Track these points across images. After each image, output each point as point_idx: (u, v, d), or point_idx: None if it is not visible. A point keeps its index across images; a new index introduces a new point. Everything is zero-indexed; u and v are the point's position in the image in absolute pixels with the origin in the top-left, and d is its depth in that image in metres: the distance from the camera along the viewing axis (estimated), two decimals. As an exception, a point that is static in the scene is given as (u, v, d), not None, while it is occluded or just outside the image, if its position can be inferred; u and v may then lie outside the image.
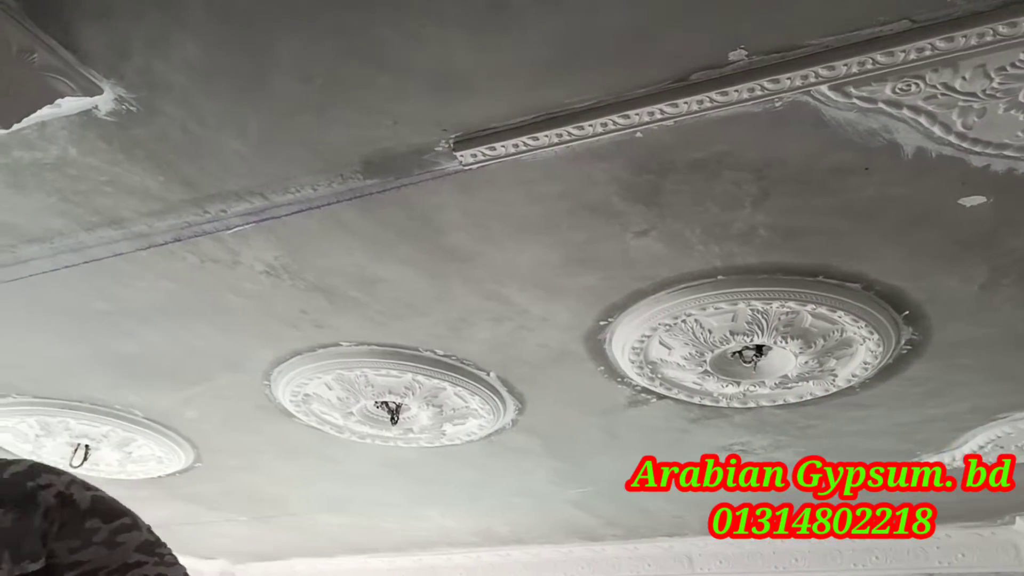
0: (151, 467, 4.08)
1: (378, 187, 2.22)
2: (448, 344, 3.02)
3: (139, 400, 3.52)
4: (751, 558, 4.52)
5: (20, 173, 2.20)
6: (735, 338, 2.71)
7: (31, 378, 3.37)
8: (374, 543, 5.23)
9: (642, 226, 2.30)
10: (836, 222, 2.23)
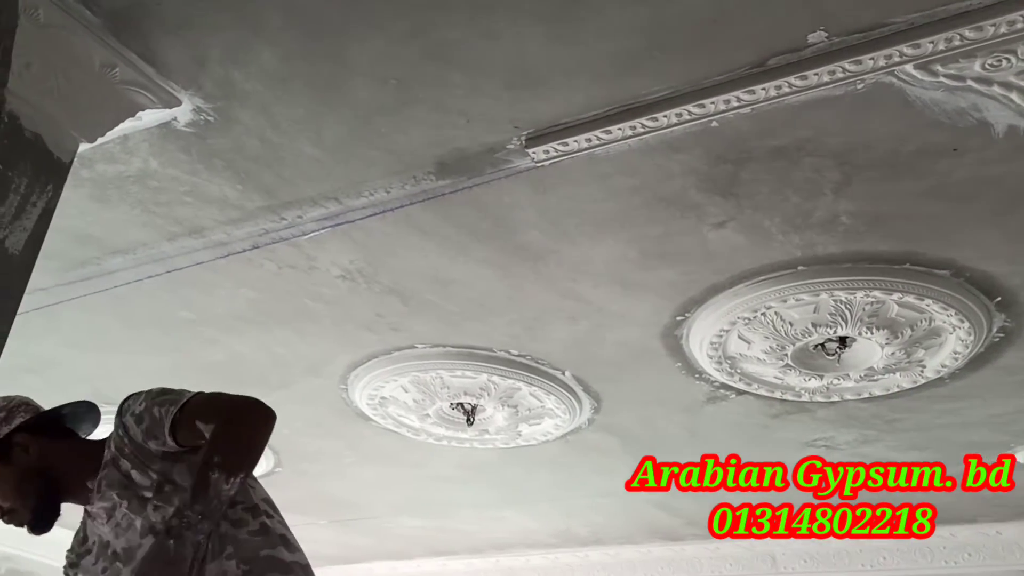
0: (234, 472, 4.15)
1: (451, 187, 2.22)
2: (523, 344, 3.01)
3: (222, 407, 3.58)
4: (837, 556, 4.40)
5: (104, 186, 2.26)
6: (817, 330, 2.64)
7: (119, 387, 3.45)
8: (452, 545, 5.24)
9: (720, 218, 2.26)
10: (924, 207, 2.15)
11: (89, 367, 3.31)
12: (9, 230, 1.63)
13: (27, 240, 1.66)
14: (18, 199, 1.65)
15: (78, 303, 2.84)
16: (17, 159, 1.67)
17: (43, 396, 3.55)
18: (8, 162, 1.65)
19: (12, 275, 1.62)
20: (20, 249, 1.64)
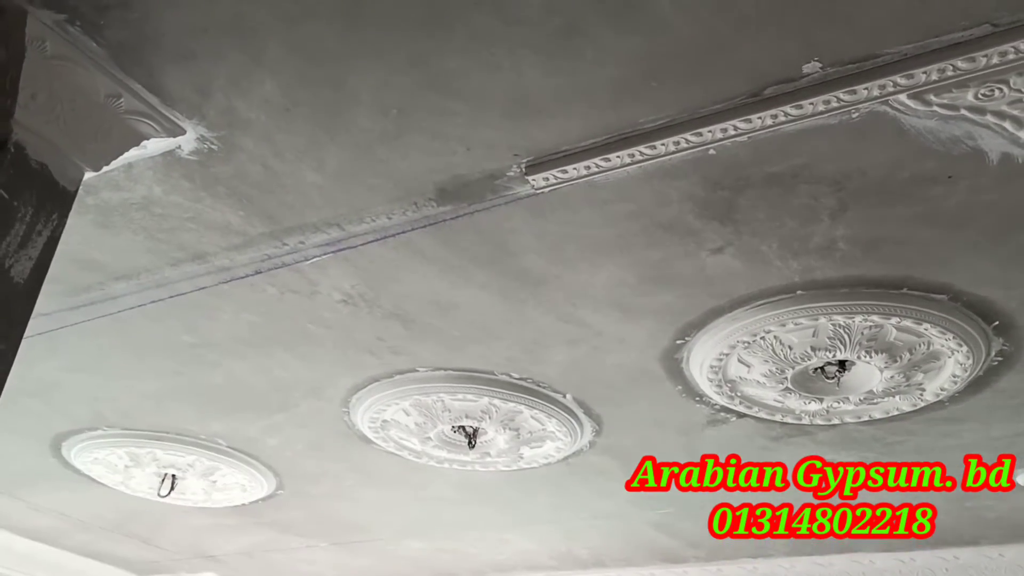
0: (235, 495, 4.16)
1: (451, 213, 2.25)
2: (524, 367, 3.02)
3: (223, 429, 3.60)
4: (840, 578, 4.39)
5: (109, 213, 2.29)
6: (817, 354, 2.65)
7: (120, 410, 3.48)
8: (454, 568, 5.22)
9: (718, 243, 2.28)
10: (920, 232, 2.17)
11: (91, 390, 3.33)
12: (15, 259, 1.65)
13: (32, 268, 1.68)
14: (24, 228, 1.67)
15: (81, 328, 2.86)
16: (23, 188, 1.69)
17: (45, 420, 3.60)
18: (14, 191, 1.67)
19: (17, 303, 1.64)
20: (25, 277, 1.66)
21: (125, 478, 3.98)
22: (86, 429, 3.63)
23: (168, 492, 3.96)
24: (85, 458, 3.82)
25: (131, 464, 3.84)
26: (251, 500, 4.25)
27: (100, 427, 3.61)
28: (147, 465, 3.84)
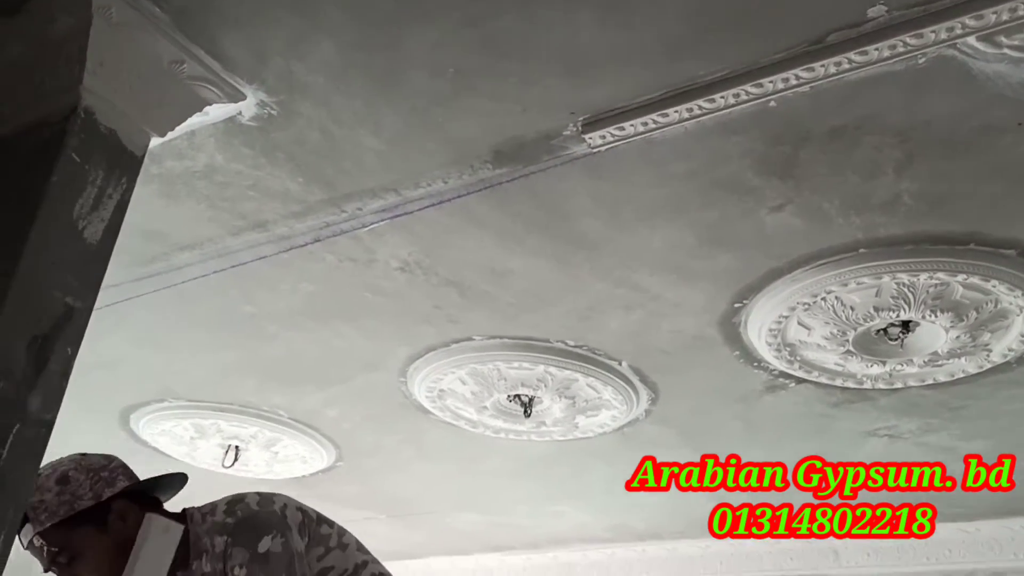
0: (296, 467, 4.24)
1: (507, 176, 2.25)
2: (579, 334, 3.02)
3: (284, 401, 3.66)
4: (900, 551, 4.32)
5: (173, 182, 2.33)
6: (879, 314, 2.61)
7: (186, 383, 3.55)
8: (510, 540, 5.26)
9: (777, 201, 2.25)
10: (988, 185, 2.12)
11: (156, 364, 3.40)
12: (88, 220, 1.69)
13: (104, 230, 1.72)
14: (95, 191, 1.71)
15: (146, 300, 2.93)
16: (93, 152, 1.73)
17: (113, 392, 3.69)
18: (85, 156, 1.71)
19: (91, 263, 1.68)
20: (98, 239, 1.70)
21: (191, 449, 4.07)
22: (152, 401, 3.72)
23: (232, 463, 4.04)
24: (152, 430, 3.91)
25: (196, 436, 3.92)
26: (311, 472, 4.32)
27: (166, 399, 3.69)
28: (211, 436, 3.92)
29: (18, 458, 1.53)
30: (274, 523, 1.71)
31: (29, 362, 1.57)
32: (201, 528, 1.73)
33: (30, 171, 1.69)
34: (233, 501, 1.79)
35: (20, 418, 1.54)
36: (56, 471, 1.70)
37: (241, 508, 1.76)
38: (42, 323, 1.60)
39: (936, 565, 4.25)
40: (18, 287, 1.57)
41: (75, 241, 1.67)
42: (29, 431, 1.55)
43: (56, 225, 1.65)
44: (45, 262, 1.62)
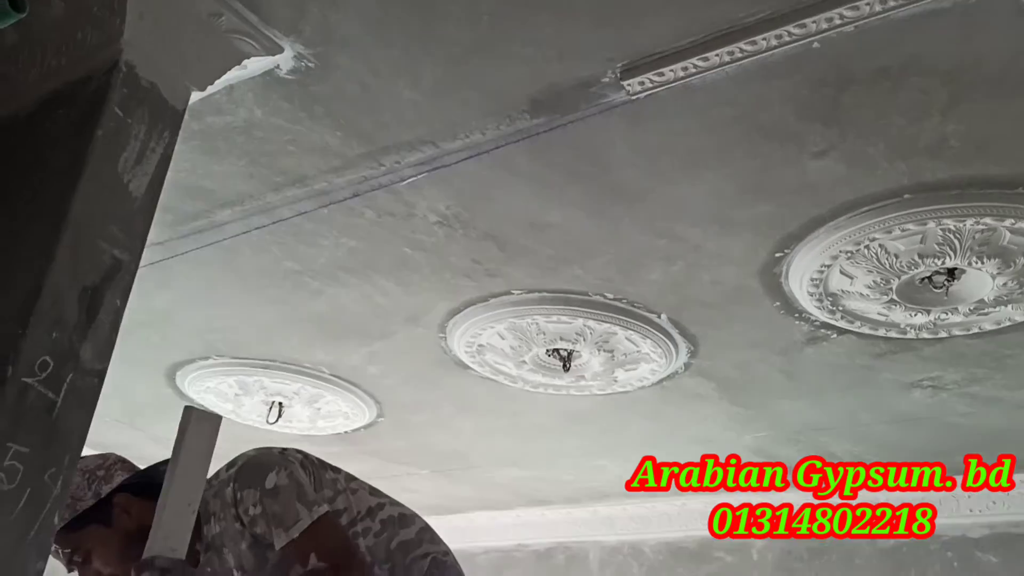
0: (338, 423, 4.30)
1: (545, 126, 2.23)
2: (618, 287, 3.01)
3: (326, 357, 3.71)
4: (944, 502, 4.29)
5: (213, 138, 2.35)
6: (924, 262, 2.57)
7: (229, 340, 3.61)
8: (551, 495, 5.31)
9: (820, 146, 2.21)
10: (1037, 124, 2.07)
11: (201, 321, 3.46)
12: (132, 174, 1.71)
13: (148, 184, 1.74)
14: (138, 145, 1.73)
15: (190, 258, 2.97)
16: (135, 107, 1.75)
17: (160, 350, 3.76)
18: (127, 110, 1.73)
19: (136, 216, 1.71)
20: (142, 193, 1.73)
21: (235, 406, 4.15)
22: (198, 359, 3.79)
23: (276, 419, 4.11)
24: (198, 387, 3.99)
25: (240, 392, 4.00)
26: (353, 428, 4.39)
27: (211, 356, 3.76)
28: (255, 393, 3.99)
29: (72, 406, 1.57)
30: (275, 460, 1.75)
31: (80, 313, 1.60)
32: (207, 493, 1.73)
33: (77, 125, 1.72)
34: (231, 460, 1.83)
35: (74, 367, 1.57)
36: None
37: (240, 458, 1.80)
38: (91, 275, 1.63)
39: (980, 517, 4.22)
40: (67, 239, 1.60)
41: (121, 194, 1.70)
42: (82, 380, 1.59)
43: (102, 178, 1.67)
44: (92, 215, 1.65)
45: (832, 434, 3.95)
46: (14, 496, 1.45)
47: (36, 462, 1.49)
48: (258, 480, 1.70)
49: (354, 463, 5.00)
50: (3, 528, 1.42)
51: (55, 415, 1.53)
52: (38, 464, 1.49)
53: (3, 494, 1.44)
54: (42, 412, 1.52)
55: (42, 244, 1.61)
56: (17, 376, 1.50)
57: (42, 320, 1.54)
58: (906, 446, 3.97)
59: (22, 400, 1.49)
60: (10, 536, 1.43)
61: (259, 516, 1.66)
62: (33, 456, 1.49)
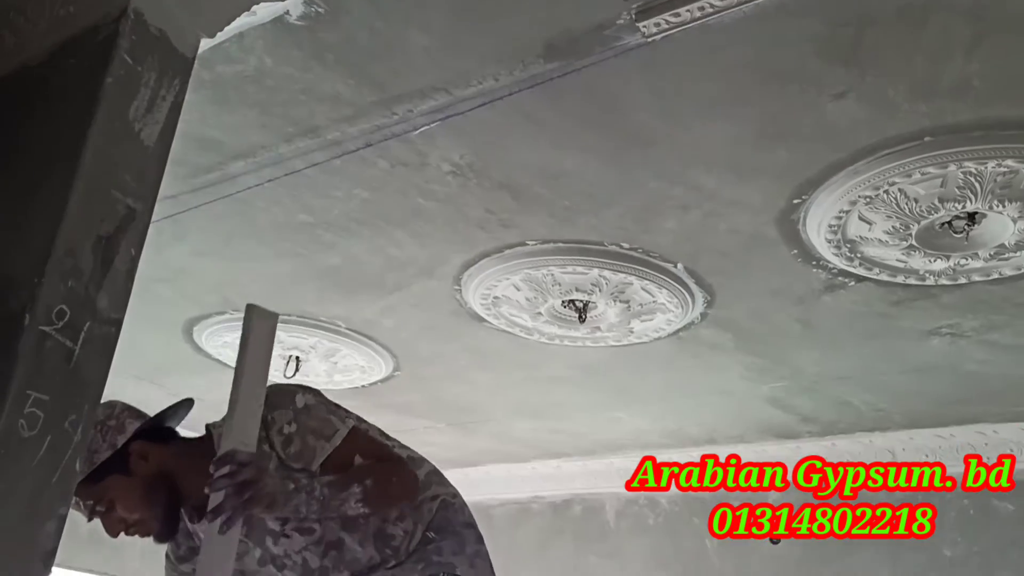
0: (356, 377, 4.32)
1: (559, 71, 2.20)
2: (634, 236, 2.99)
3: (342, 311, 3.72)
4: (961, 450, 4.29)
5: (224, 88, 2.33)
6: (944, 206, 2.53)
7: (245, 294, 3.61)
8: (567, 448, 5.34)
9: (839, 88, 2.17)
10: (1064, 62, 2.02)
11: (216, 275, 3.47)
12: (143, 123, 1.70)
13: (159, 133, 1.72)
14: (149, 93, 1.71)
15: (205, 211, 2.97)
16: (145, 55, 1.73)
17: (176, 305, 3.77)
18: (137, 57, 1.71)
19: (149, 165, 1.70)
20: (155, 141, 1.71)
21: (252, 361, 4.17)
22: (214, 313, 3.80)
23: (293, 374, 4.14)
24: (215, 342, 4.01)
25: (257, 347, 4.01)
26: (370, 382, 4.41)
27: (227, 311, 3.77)
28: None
29: (90, 355, 1.57)
30: (298, 386, 1.84)
31: (96, 262, 1.60)
32: (223, 428, 1.75)
33: (86, 75, 1.70)
34: None
35: (91, 316, 1.58)
36: None
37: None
38: (105, 224, 1.63)
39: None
40: (80, 188, 1.59)
41: (132, 143, 1.68)
42: (99, 329, 1.59)
43: (113, 127, 1.66)
44: (105, 164, 1.64)
45: (849, 383, 3.94)
46: (35, 443, 1.47)
47: (56, 410, 1.50)
48: (287, 402, 1.75)
49: (371, 417, 4.98)
50: (26, 473, 1.43)
51: (73, 363, 1.54)
52: (58, 412, 1.50)
53: (25, 441, 1.45)
54: (60, 360, 1.52)
55: (56, 194, 1.61)
56: (35, 325, 1.51)
57: (57, 269, 1.54)
58: (923, 395, 3.96)
59: (40, 349, 1.50)
60: (33, 481, 1.44)
61: (295, 434, 1.71)
62: (53, 404, 1.50)
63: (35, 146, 1.74)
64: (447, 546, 1.85)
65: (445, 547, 1.85)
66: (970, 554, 4.16)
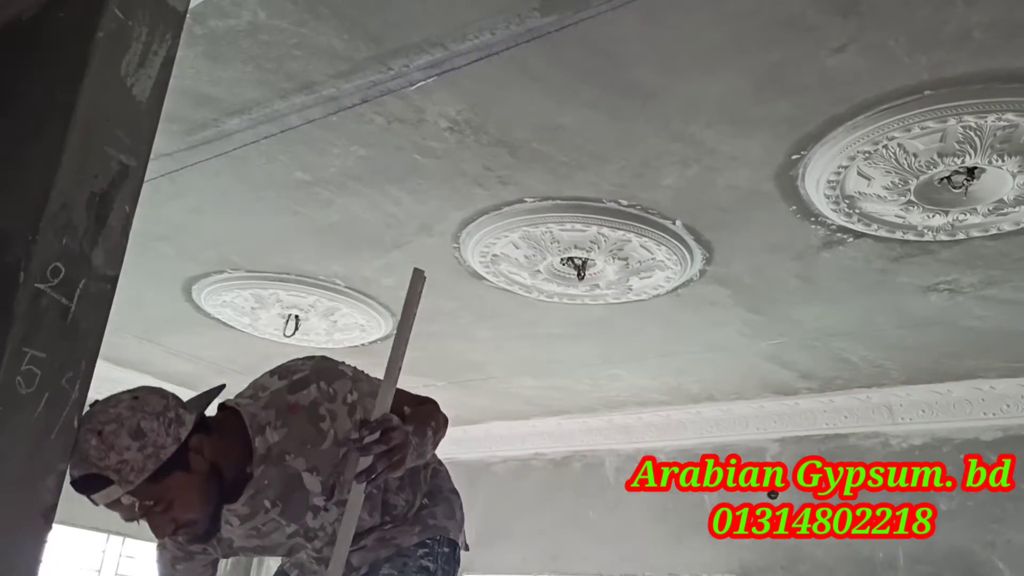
0: (355, 335, 4.34)
1: (557, 24, 2.18)
2: (632, 193, 2.98)
3: (341, 269, 3.72)
4: (957, 406, 4.32)
5: (217, 43, 2.31)
6: (943, 161, 2.52)
7: (243, 252, 3.62)
8: (567, 405, 5.37)
9: (840, 40, 2.15)
10: (1067, 12, 2.00)
11: (215, 232, 3.46)
12: (135, 78, 1.68)
13: (152, 87, 1.71)
14: (140, 47, 1.70)
15: (202, 168, 2.96)
16: (135, 8, 1.70)
17: (176, 264, 3.77)
18: (128, 12, 1.69)
19: (142, 120, 1.68)
20: (147, 96, 1.70)
21: (252, 320, 4.18)
22: (213, 272, 3.81)
23: (293, 332, 4.15)
24: (214, 301, 4.02)
25: (257, 306, 4.02)
26: (370, 340, 4.43)
27: (226, 270, 3.77)
28: (271, 307, 4.02)
29: (87, 312, 1.57)
30: (330, 358, 1.79)
31: (90, 219, 1.60)
32: (255, 407, 1.67)
33: (77, 28, 1.68)
34: (271, 375, 1.76)
35: (86, 273, 1.57)
36: (123, 425, 1.52)
37: (285, 368, 1.76)
38: (99, 180, 1.62)
39: (993, 420, 4.24)
40: (73, 144, 1.58)
41: (124, 98, 1.67)
42: (95, 286, 1.59)
43: (105, 82, 1.64)
44: (97, 120, 1.62)
45: (848, 339, 3.95)
46: (33, 399, 1.47)
47: (53, 367, 1.50)
48: (338, 371, 1.72)
49: (373, 375, 5.07)
50: (24, 429, 1.44)
51: (69, 320, 1.54)
52: (55, 368, 1.50)
53: (22, 398, 1.45)
54: (57, 317, 1.52)
55: (49, 151, 1.60)
56: (30, 282, 1.51)
57: (52, 226, 1.54)
58: (921, 350, 3.97)
59: (36, 306, 1.50)
60: (32, 437, 1.45)
61: (356, 401, 1.69)
62: (50, 361, 1.50)
63: (28, 100, 1.72)
64: (440, 511, 1.90)
65: (438, 512, 1.90)
66: (964, 507, 4.20)
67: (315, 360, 1.76)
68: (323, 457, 1.67)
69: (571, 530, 5.43)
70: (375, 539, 1.83)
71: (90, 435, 1.51)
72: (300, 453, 1.66)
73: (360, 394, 1.70)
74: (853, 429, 4.70)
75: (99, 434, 1.51)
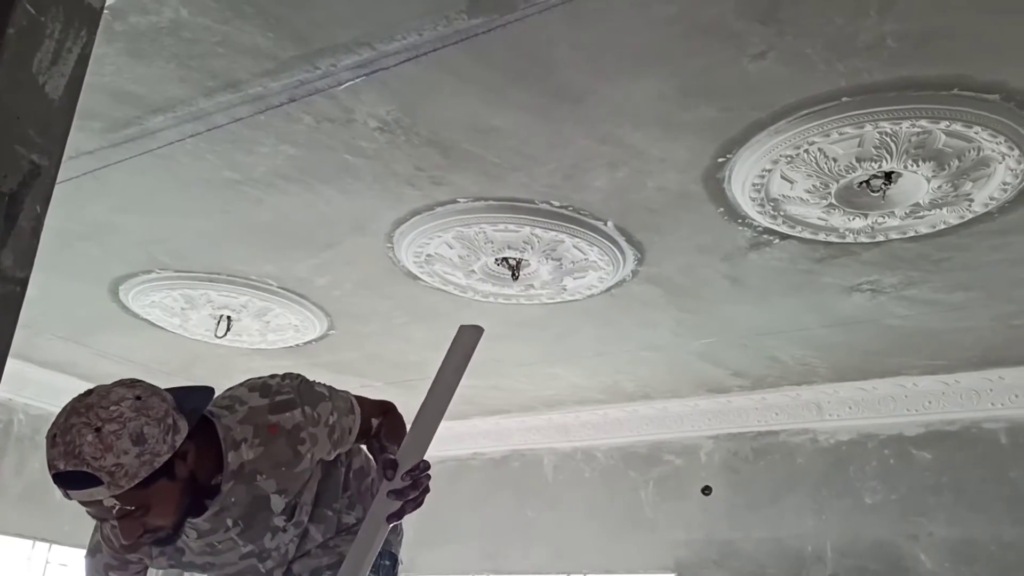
0: (289, 336, 4.30)
1: (484, 26, 2.19)
2: (564, 194, 3.01)
3: (273, 269, 3.68)
4: (882, 402, 4.44)
5: (138, 40, 2.27)
6: (862, 165, 2.59)
7: (172, 252, 3.56)
8: (506, 404, 5.39)
9: (760, 47, 2.20)
10: (974, 23, 2.07)
11: (143, 232, 3.40)
12: (48, 75, 1.64)
13: (66, 85, 1.66)
14: (54, 44, 1.65)
15: (127, 167, 2.90)
16: (49, 4, 1.66)
17: (102, 263, 3.69)
18: (41, 8, 1.65)
19: (55, 119, 1.64)
20: (60, 94, 1.66)
21: (182, 320, 4.12)
22: (140, 272, 3.73)
23: (224, 333, 4.09)
24: (142, 301, 3.94)
25: (187, 306, 3.96)
26: (305, 341, 4.39)
27: (154, 270, 3.71)
28: (202, 307, 3.96)
29: (-4, 314, 1.54)
30: (301, 376, 1.71)
31: None
32: (231, 419, 1.59)
33: (-15, 24, 1.64)
34: (249, 391, 1.66)
35: (-5, 274, 1.54)
36: (125, 427, 1.41)
37: (265, 386, 1.66)
38: (8, 180, 1.58)
39: (916, 416, 4.37)
40: (-19, 143, 1.54)
41: (37, 96, 1.63)
42: (3, 287, 1.54)
43: (16, 80, 1.60)
44: (7, 117, 1.58)
45: (777, 338, 4.04)
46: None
47: (-40, 371, 1.47)
48: (318, 396, 1.66)
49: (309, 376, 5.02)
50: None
51: (-23, 323, 1.50)
52: (-37, 372, 1.47)
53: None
54: (-36, 320, 1.49)
55: (-44, 149, 1.56)
56: (-64, 284, 1.47)
57: (-41, 226, 1.50)
58: (847, 349, 4.08)
59: (-58, 308, 1.46)
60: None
61: (336, 423, 1.66)
62: (-44, 365, 1.47)
63: (-66, 98, 1.68)
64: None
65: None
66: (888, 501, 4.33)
67: (297, 381, 1.66)
68: (294, 479, 1.65)
69: (510, 529, 5.46)
70: (318, 546, 1.83)
71: (86, 430, 1.38)
72: (272, 475, 1.60)
73: (339, 414, 1.68)
74: (784, 426, 4.81)
75: (97, 431, 1.38)
